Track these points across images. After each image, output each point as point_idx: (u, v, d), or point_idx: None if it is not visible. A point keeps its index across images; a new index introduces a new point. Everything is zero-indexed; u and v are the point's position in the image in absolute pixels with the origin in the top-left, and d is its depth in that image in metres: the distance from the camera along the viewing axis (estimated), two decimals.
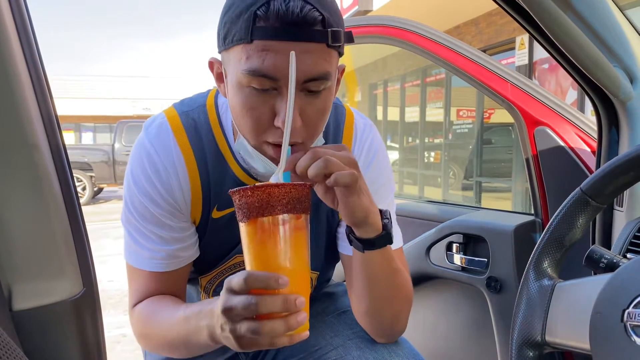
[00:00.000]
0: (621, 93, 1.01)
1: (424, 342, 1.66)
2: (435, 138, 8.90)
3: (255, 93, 0.70)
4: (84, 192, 9.92)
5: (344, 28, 0.73)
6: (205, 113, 0.86)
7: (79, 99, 21.83)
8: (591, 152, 1.32)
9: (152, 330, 0.83)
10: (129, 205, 0.84)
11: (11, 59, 0.56)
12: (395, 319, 0.87)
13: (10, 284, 0.57)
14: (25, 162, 0.57)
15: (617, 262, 0.72)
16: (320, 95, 0.72)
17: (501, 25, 6.93)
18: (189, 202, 0.85)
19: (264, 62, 0.67)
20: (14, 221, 0.57)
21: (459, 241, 1.47)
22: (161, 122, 0.85)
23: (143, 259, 0.85)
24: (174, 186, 0.83)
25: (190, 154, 0.84)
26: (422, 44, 1.44)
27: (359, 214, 0.72)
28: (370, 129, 0.93)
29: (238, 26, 0.68)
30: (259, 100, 0.71)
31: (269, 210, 0.61)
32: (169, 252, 0.85)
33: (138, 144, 0.85)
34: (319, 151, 0.69)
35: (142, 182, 0.83)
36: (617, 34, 0.98)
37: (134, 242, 0.86)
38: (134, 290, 0.88)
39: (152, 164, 0.82)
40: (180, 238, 0.85)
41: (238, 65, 0.69)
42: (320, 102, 0.73)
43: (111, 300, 3.95)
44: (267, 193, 0.61)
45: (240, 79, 0.70)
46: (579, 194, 0.73)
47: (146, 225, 0.84)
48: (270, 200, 0.61)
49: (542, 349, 0.73)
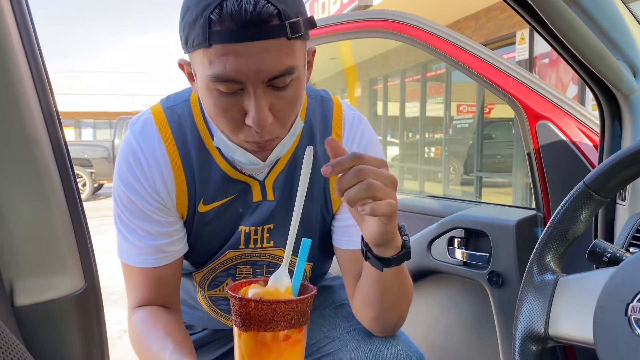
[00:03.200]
0: (624, 86, 1.01)
1: (425, 337, 1.66)
2: (436, 133, 8.89)
3: (223, 95, 0.70)
4: (84, 188, 9.93)
5: (305, 14, 0.71)
6: (189, 107, 0.86)
7: (78, 95, 21.81)
8: (593, 146, 1.31)
9: (139, 351, 0.84)
10: (117, 202, 0.85)
11: (12, 55, 0.55)
12: (400, 319, 0.88)
13: (12, 280, 0.57)
14: (26, 158, 0.57)
15: (620, 256, 0.71)
16: (287, 88, 0.71)
17: (502, 19, 6.91)
18: (173, 197, 0.85)
19: (225, 67, 0.67)
20: (15, 217, 0.57)
21: (461, 236, 1.47)
22: (146, 118, 0.86)
23: (133, 256, 0.86)
24: (158, 182, 0.83)
25: (174, 149, 0.84)
26: (423, 38, 1.43)
27: (387, 238, 0.70)
28: (360, 121, 0.92)
29: (195, 31, 0.67)
30: (228, 103, 0.71)
31: (271, 326, 0.58)
32: (156, 247, 0.85)
33: (124, 141, 0.86)
34: (364, 170, 0.63)
35: (128, 179, 0.83)
36: (620, 26, 0.97)
37: (124, 239, 0.86)
38: (131, 290, 0.89)
39: (137, 160, 0.83)
40: (168, 232, 0.86)
41: (202, 70, 0.70)
42: (289, 94, 0.72)
43: (112, 296, 3.96)
44: (272, 309, 0.57)
45: (207, 83, 0.70)
46: (582, 188, 0.73)
47: (134, 220, 0.84)
48: (275, 316, 0.57)
49: (545, 343, 0.73)
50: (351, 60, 10.63)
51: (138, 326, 0.85)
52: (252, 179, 0.87)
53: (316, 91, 0.93)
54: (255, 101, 0.69)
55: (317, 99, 0.91)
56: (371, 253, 0.74)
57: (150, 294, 0.88)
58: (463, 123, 8.16)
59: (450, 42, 1.40)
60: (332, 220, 0.94)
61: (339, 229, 0.92)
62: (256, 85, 0.69)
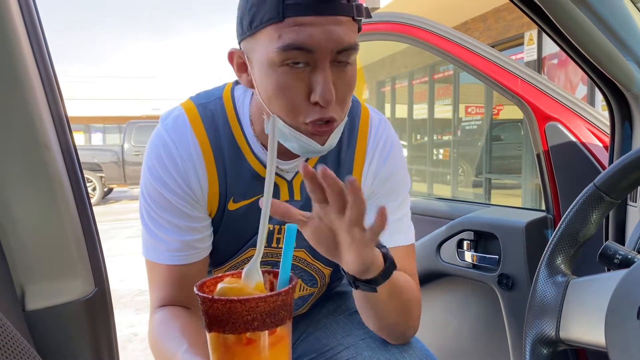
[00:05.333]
0: (634, 87, 1.00)
1: (435, 340, 1.65)
2: (444, 135, 8.86)
3: (289, 71, 0.71)
4: (94, 192, 9.99)
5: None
6: (222, 105, 0.86)
7: (88, 100, 21.99)
8: (603, 147, 1.30)
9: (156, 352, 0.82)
10: (145, 197, 0.84)
11: (22, 61, 0.56)
12: (409, 328, 0.86)
13: (23, 284, 0.58)
14: (37, 163, 0.57)
15: (632, 258, 0.70)
16: (347, 68, 0.74)
17: (510, 20, 6.88)
18: (206, 193, 0.85)
19: (298, 35, 0.69)
20: (26, 222, 0.57)
21: (470, 238, 1.46)
22: (178, 114, 0.85)
23: (160, 252, 0.85)
24: (191, 176, 0.83)
25: (208, 145, 0.84)
26: (431, 40, 1.43)
27: (369, 261, 0.69)
28: (385, 124, 0.93)
29: (267, 7, 0.69)
30: (293, 78, 0.72)
31: (230, 328, 0.50)
32: (185, 243, 0.84)
33: (155, 136, 0.85)
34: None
35: (158, 172, 0.82)
36: (629, 26, 0.96)
37: (151, 236, 0.85)
38: (154, 290, 0.88)
39: (169, 154, 0.82)
40: (197, 228, 0.85)
41: (269, 46, 0.71)
42: (348, 74, 0.74)
43: (122, 300, 3.97)
44: (227, 308, 0.50)
45: (272, 58, 0.71)
46: (592, 190, 0.72)
47: (163, 214, 0.83)
48: (232, 316, 0.50)
49: (556, 346, 0.72)
50: (359, 63, 10.62)
51: (156, 328, 0.84)
52: (281, 179, 0.87)
53: None
54: (324, 74, 0.71)
55: None
56: (359, 281, 0.72)
57: (173, 293, 0.86)
58: (472, 125, 8.13)
59: (457, 43, 1.40)
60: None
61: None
62: (324, 58, 0.71)
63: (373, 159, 0.90)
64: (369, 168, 0.90)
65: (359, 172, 0.90)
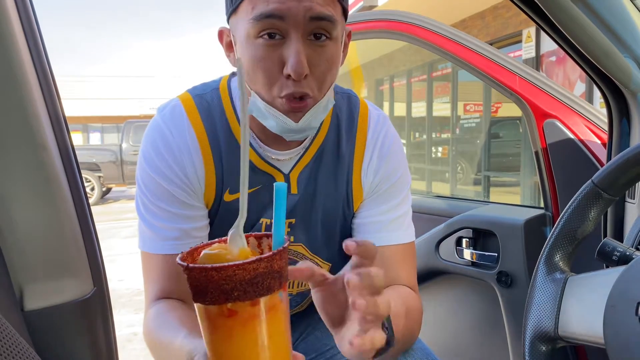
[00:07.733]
0: (632, 84, 1.00)
1: (434, 338, 1.65)
2: (443, 133, 8.87)
3: (264, 43, 0.72)
4: (93, 192, 9.98)
5: None
6: (218, 96, 0.87)
7: (85, 100, 21.95)
8: (601, 144, 1.30)
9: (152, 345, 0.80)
10: (141, 187, 0.84)
11: (18, 60, 0.56)
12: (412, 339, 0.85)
13: (22, 285, 0.58)
14: (34, 163, 0.57)
15: (630, 254, 0.71)
16: (326, 45, 0.73)
17: (507, 18, 6.88)
18: (202, 183, 0.84)
19: (268, 4, 0.69)
20: (24, 222, 0.57)
21: (469, 236, 1.46)
22: (175, 104, 0.85)
23: (157, 242, 0.84)
24: (188, 166, 0.83)
25: (204, 136, 0.84)
26: (429, 38, 1.43)
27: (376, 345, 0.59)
28: (385, 120, 0.93)
29: None
30: (267, 51, 0.72)
31: (210, 298, 0.46)
32: (182, 230, 0.83)
33: (151, 126, 0.85)
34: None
35: (154, 161, 0.82)
36: (627, 23, 0.96)
37: (148, 227, 0.84)
38: (150, 283, 0.86)
39: (166, 143, 0.82)
40: (193, 216, 0.84)
41: (246, 19, 0.72)
42: (326, 52, 0.74)
43: (121, 299, 3.97)
44: (204, 276, 0.45)
45: (248, 30, 0.72)
46: (590, 187, 0.72)
47: (159, 203, 0.83)
48: (209, 285, 0.46)
49: (555, 343, 0.73)
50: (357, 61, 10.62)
51: (152, 321, 0.82)
52: (278, 171, 0.86)
53: (343, 90, 0.94)
54: (296, 46, 0.71)
55: (344, 96, 0.92)
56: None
57: (170, 285, 0.84)
58: (470, 122, 8.13)
59: (456, 41, 1.40)
60: (352, 218, 0.93)
61: (359, 226, 0.91)
62: (297, 27, 0.70)
63: (373, 155, 0.90)
64: (369, 163, 0.90)
65: (358, 166, 0.90)
